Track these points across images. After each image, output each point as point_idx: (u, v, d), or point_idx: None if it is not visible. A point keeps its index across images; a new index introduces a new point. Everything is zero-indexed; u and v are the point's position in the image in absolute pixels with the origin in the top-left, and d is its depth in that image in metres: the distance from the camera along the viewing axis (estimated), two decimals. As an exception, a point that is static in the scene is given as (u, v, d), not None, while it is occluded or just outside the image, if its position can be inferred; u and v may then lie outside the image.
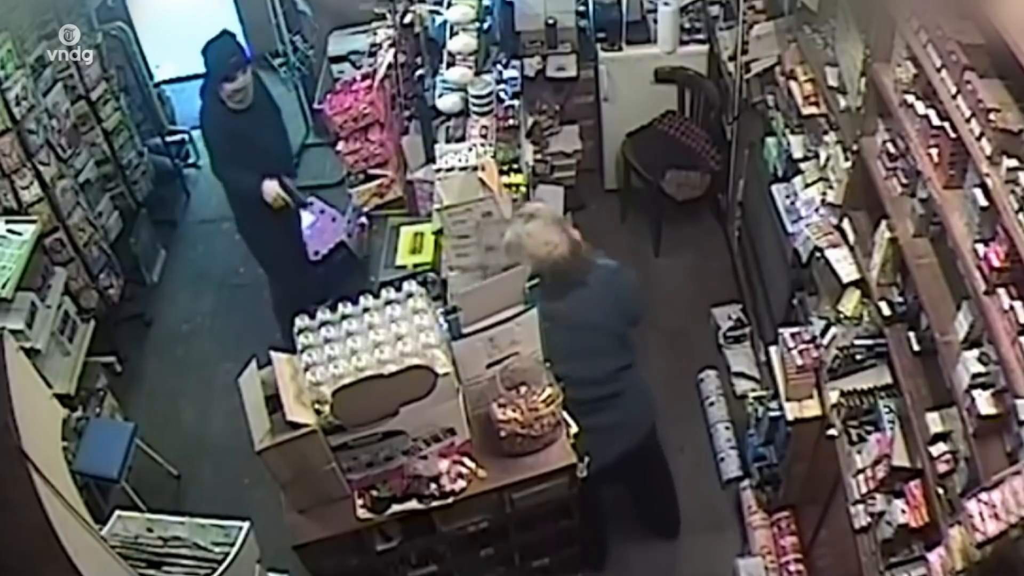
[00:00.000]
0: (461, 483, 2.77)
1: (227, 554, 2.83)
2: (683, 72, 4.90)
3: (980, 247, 2.21)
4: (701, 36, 4.85)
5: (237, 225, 4.77)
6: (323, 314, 2.75)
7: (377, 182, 4.44)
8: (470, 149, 3.26)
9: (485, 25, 4.18)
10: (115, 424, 4.31)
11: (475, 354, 2.71)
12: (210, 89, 4.19)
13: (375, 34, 4.41)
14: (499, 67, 4.02)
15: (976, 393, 2.24)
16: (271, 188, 4.25)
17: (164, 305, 5.30)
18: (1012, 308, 2.08)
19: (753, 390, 4.21)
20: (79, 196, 4.66)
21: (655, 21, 4.83)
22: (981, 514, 1.96)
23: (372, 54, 4.40)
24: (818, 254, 3.20)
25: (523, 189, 3.51)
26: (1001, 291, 2.14)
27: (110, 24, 5.19)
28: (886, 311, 2.85)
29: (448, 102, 3.81)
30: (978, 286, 2.21)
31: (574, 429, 2.98)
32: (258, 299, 5.13)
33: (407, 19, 4.23)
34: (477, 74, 3.84)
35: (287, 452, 2.54)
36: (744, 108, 4.40)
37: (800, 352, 3.19)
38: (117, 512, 3.03)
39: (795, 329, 3.28)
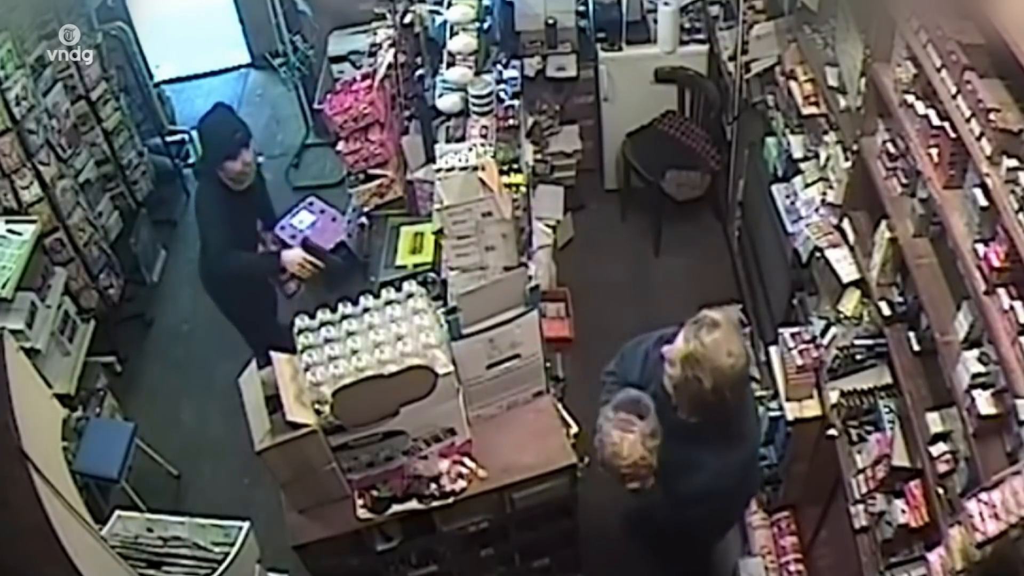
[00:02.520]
0: (461, 483, 2.77)
1: (227, 554, 2.83)
2: (683, 72, 4.90)
3: (980, 247, 2.21)
4: (701, 36, 4.85)
5: (225, 309, 4.31)
6: (323, 314, 2.76)
7: (377, 182, 4.44)
8: (470, 149, 3.25)
9: (485, 25, 4.17)
10: (115, 424, 4.31)
11: (475, 355, 2.72)
12: (208, 172, 3.84)
13: (375, 34, 4.40)
14: (499, 67, 4.01)
15: (976, 393, 2.24)
16: (295, 257, 3.93)
17: (164, 305, 5.30)
18: (1012, 308, 2.08)
19: (753, 390, 4.20)
20: (79, 196, 4.66)
21: (655, 21, 4.83)
22: (981, 514, 1.96)
23: (372, 54, 4.39)
24: (818, 254, 3.20)
25: (523, 189, 3.51)
26: (1001, 291, 2.14)
27: (110, 24, 5.19)
28: (886, 311, 2.86)
29: (448, 102, 3.80)
30: (978, 286, 2.21)
31: (574, 429, 2.99)
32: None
33: (407, 19, 4.23)
34: (477, 74, 3.84)
35: (287, 452, 2.54)
36: (744, 108, 4.40)
37: (800, 352, 3.19)
38: (117, 512, 3.03)
39: (795, 329, 3.29)
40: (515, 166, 3.55)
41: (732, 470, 2.68)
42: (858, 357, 3.06)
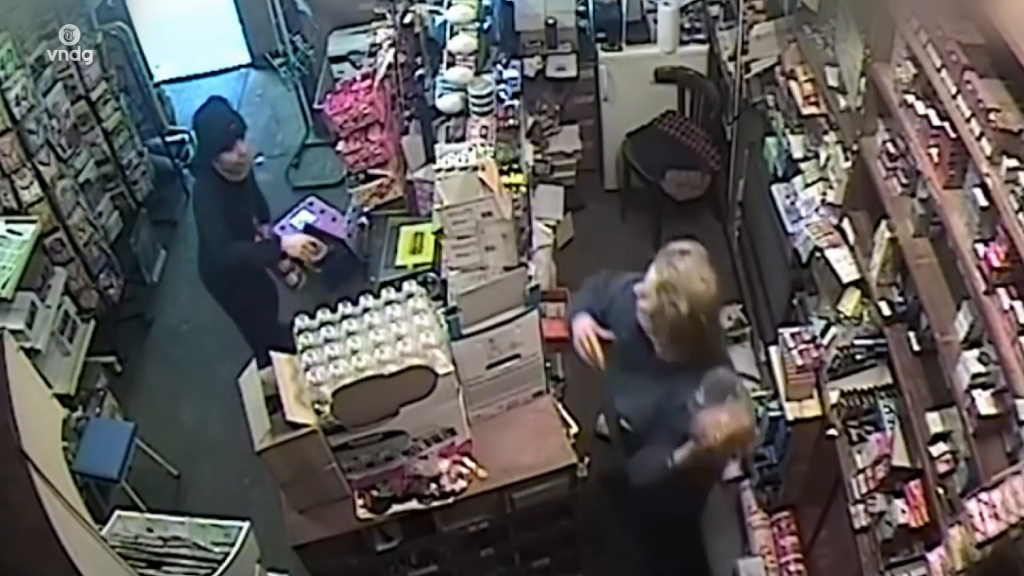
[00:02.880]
0: (461, 483, 2.77)
1: (227, 554, 2.82)
2: (683, 72, 4.90)
3: (980, 247, 2.21)
4: (701, 36, 4.85)
5: (225, 305, 4.33)
6: (323, 314, 2.76)
7: (377, 182, 4.44)
8: (470, 149, 3.26)
9: (485, 25, 4.18)
10: (115, 424, 4.30)
11: (475, 355, 2.72)
12: (204, 165, 3.86)
13: (375, 34, 4.41)
14: (499, 67, 4.02)
15: (976, 393, 2.24)
16: (297, 240, 3.94)
17: (164, 305, 5.30)
18: (1012, 308, 2.08)
19: (753, 390, 4.20)
20: (79, 196, 4.66)
21: (655, 21, 4.83)
22: (981, 514, 1.96)
23: (372, 54, 4.39)
24: (818, 254, 3.20)
25: (523, 189, 3.51)
26: (1001, 291, 2.14)
27: (110, 24, 5.19)
28: (886, 311, 2.86)
29: (448, 102, 3.81)
30: (978, 286, 2.22)
31: (574, 429, 2.99)
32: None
33: (407, 19, 4.23)
34: (477, 74, 3.84)
35: (287, 452, 2.54)
36: (744, 108, 4.40)
37: (800, 352, 3.19)
38: (117, 512, 3.03)
39: (795, 329, 3.28)
40: (515, 166, 3.55)
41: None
42: (858, 357, 3.06)
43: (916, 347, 2.74)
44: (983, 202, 2.19)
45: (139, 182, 5.36)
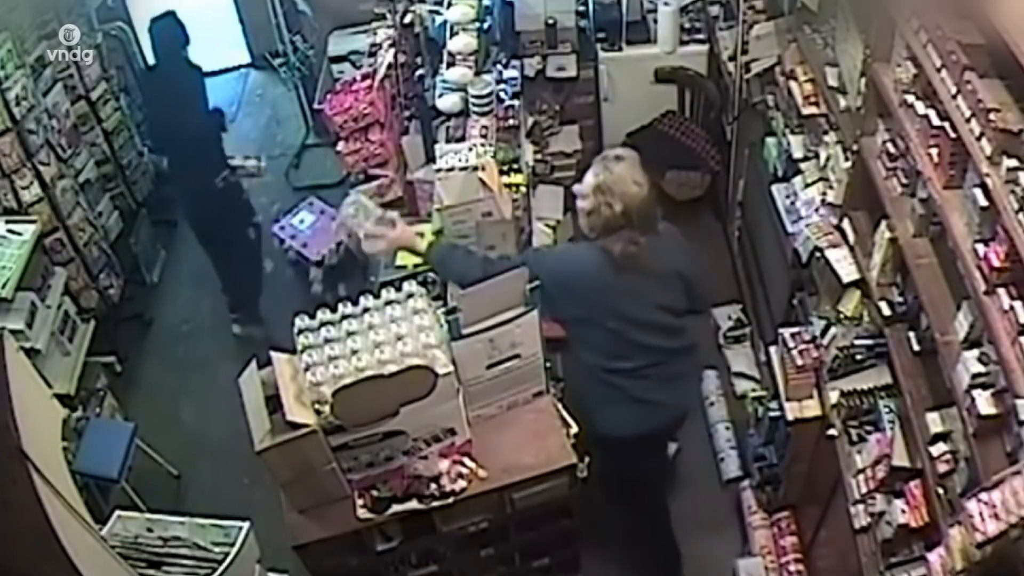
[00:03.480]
0: (461, 483, 2.77)
1: (227, 554, 2.83)
2: (683, 72, 4.90)
3: (980, 247, 2.21)
4: (701, 36, 4.85)
5: (207, 238, 4.84)
6: (323, 314, 2.76)
7: (377, 182, 4.43)
8: (470, 149, 3.26)
9: (485, 25, 4.18)
10: (115, 424, 4.31)
11: (475, 355, 2.72)
12: (174, 62, 4.40)
13: (375, 34, 4.40)
14: (499, 67, 4.01)
15: (976, 393, 2.24)
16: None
17: (164, 305, 5.30)
18: (1012, 308, 2.08)
19: (753, 390, 4.21)
20: (79, 196, 4.66)
21: (655, 21, 4.83)
22: (981, 514, 1.96)
23: (372, 54, 4.39)
24: (818, 254, 3.20)
25: (523, 189, 3.51)
26: (1001, 291, 2.14)
27: (110, 24, 5.20)
28: (886, 311, 2.85)
29: (448, 102, 3.80)
30: (978, 286, 2.21)
31: (574, 429, 2.99)
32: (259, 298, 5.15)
33: (407, 19, 4.22)
34: (477, 74, 3.84)
35: (287, 452, 2.54)
36: (744, 108, 4.40)
37: (800, 352, 3.19)
38: (117, 512, 3.04)
39: (795, 329, 3.28)
40: (515, 166, 3.55)
41: (583, 262, 2.94)
42: (858, 357, 3.06)
43: (916, 347, 2.74)
44: (983, 202, 2.19)
45: (139, 182, 5.37)
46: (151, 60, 4.78)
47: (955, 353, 2.38)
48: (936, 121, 2.42)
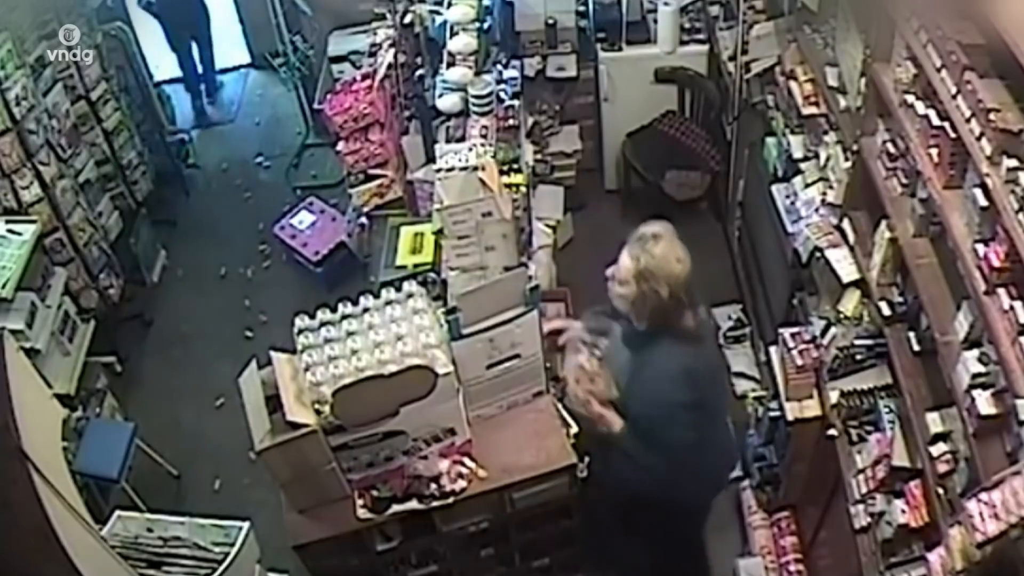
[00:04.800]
0: (461, 483, 2.77)
1: (227, 554, 2.83)
2: (683, 72, 4.90)
3: (980, 247, 2.21)
4: (701, 36, 4.85)
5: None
6: (323, 314, 2.76)
7: (377, 182, 4.44)
8: (470, 149, 3.25)
9: (485, 25, 4.17)
10: (115, 424, 4.31)
11: (475, 355, 2.72)
12: None
13: (375, 34, 4.41)
14: (499, 67, 4.01)
15: (976, 393, 2.24)
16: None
17: (164, 305, 5.30)
18: (1012, 308, 2.08)
19: (753, 390, 4.21)
20: (79, 196, 4.66)
21: (655, 21, 4.83)
22: (981, 514, 1.96)
23: (372, 54, 4.39)
24: (818, 254, 3.20)
25: (523, 189, 3.50)
26: (1001, 291, 2.14)
27: (110, 24, 5.19)
28: (886, 311, 2.85)
29: (448, 102, 3.80)
30: (978, 286, 2.21)
31: (574, 429, 2.99)
32: (259, 298, 5.14)
33: (407, 19, 4.23)
34: (477, 74, 3.83)
35: (287, 452, 2.54)
36: (744, 108, 4.40)
37: (800, 352, 3.19)
38: (117, 512, 3.04)
39: (795, 329, 3.28)
40: (515, 166, 3.54)
41: (687, 364, 2.70)
42: (858, 357, 3.06)
43: (916, 347, 2.74)
44: (983, 202, 2.19)
45: (139, 182, 5.36)
46: None
47: (955, 353, 2.38)
48: (936, 121, 2.42)
